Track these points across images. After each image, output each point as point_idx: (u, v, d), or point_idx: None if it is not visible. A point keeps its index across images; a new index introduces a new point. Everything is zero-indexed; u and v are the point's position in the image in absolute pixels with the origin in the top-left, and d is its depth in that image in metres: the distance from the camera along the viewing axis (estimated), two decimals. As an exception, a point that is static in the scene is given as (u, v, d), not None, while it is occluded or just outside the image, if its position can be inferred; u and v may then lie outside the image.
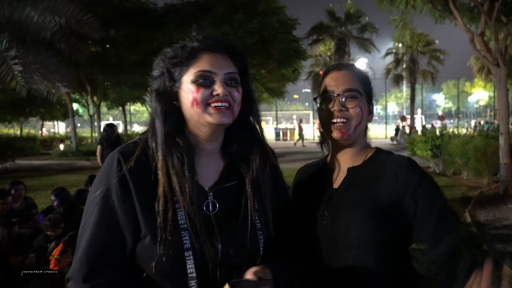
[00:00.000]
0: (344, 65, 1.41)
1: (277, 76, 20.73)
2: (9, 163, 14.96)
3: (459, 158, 10.01)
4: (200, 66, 1.10)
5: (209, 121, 1.09)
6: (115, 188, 1.06)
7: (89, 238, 1.05)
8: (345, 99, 1.33)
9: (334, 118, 1.33)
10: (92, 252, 1.04)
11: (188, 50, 1.12)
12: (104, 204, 1.06)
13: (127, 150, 1.11)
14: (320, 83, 1.44)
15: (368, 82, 1.41)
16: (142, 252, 1.06)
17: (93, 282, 1.02)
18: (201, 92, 1.08)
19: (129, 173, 1.06)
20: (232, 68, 1.13)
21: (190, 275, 1.04)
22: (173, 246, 1.03)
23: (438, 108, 68.65)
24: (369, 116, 1.40)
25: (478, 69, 32.67)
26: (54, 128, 48.06)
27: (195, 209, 1.06)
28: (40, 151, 24.94)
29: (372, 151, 1.40)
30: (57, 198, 5.24)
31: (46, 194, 9.13)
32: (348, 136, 1.33)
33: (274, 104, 34.46)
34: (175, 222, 1.04)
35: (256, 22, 14.96)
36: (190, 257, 1.03)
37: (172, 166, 1.07)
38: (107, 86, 19.81)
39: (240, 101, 1.14)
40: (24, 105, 23.12)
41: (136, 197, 1.05)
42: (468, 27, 8.68)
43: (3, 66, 8.82)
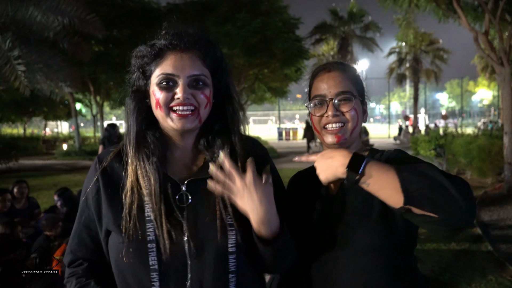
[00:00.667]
0: (333, 65, 1.34)
1: (280, 76, 20.70)
2: (12, 163, 15.01)
3: (463, 157, 9.96)
4: (164, 68, 1.10)
5: (172, 126, 1.10)
6: (91, 189, 1.17)
7: (73, 232, 1.23)
8: (338, 103, 1.27)
9: (328, 123, 1.28)
10: (74, 244, 1.21)
11: (155, 50, 1.12)
12: (83, 203, 1.20)
13: (104, 153, 1.22)
14: (310, 85, 1.37)
15: (360, 80, 1.35)
16: (110, 246, 1.15)
17: (75, 266, 1.20)
18: (163, 95, 1.08)
19: (101, 175, 1.16)
20: (197, 69, 1.10)
21: (152, 267, 1.06)
22: (136, 238, 1.07)
23: (442, 108, 68.46)
24: (364, 116, 1.35)
25: (482, 68, 32.54)
26: (57, 127, 48.21)
27: (160, 200, 1.08)
28: (43, 151, 25.02)
29: (366, 153, 1.34)
30: (60, 198, 5.25)
31: (49, 194, 9.16)
32: (345, 141, 1.28)
33: (277, 103, 34.45)
34: (140, 214, 1.08)
35: (259, 22, 14.93)
36: (153, 249, 1.06)
37: (142, 159, 1.11)
38: (110, 85, 19.84)
39: (207, 103, 1.12)
40: (27, 105, 23.18)
41: (104, 194, 1.14)
42: (472, 26, 8.63)
43: (7, 66, 8.83)
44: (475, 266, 4.34)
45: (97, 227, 1.17)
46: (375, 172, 1.05)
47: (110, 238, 1.15)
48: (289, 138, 31.23)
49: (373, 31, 27.85)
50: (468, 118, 56.49)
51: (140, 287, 1.08)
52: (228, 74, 1.20)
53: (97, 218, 1.16)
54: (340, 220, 1.24)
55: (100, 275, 1.18)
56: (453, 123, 32.81)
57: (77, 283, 1.16)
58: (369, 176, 1.05)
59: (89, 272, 1.18)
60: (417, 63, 31.59)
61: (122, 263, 1.09)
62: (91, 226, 1.18)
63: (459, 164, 10.48)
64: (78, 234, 1.21)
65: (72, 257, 1.21)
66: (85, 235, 1.19)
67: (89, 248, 1.19)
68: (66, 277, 1.20)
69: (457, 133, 12.10)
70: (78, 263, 1.20)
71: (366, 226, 1.19)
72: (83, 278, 1.17)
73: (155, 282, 1.06)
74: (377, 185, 1.05)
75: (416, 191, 0.99)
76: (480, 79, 51.34)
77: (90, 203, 1.17)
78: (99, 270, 1.19)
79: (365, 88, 1.37)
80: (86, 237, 1.19)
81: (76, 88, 14.54)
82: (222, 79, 1.18)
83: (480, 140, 9.73)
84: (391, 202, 1.04)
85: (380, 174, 1.05)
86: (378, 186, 1.05)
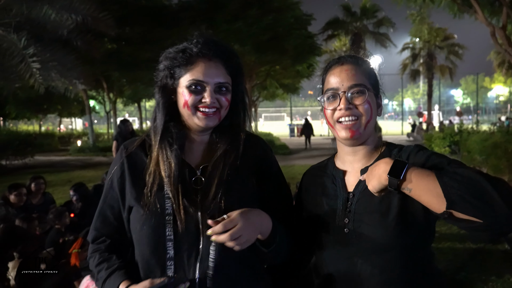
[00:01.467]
0: (346, 58, 1.32)
1: (291, 72, 20.65)
2: (28, 159, 15.28)
3: (478, 155, 9.79)
4: (194, 74, 1.26)
5: (196, 123, 1.28)
6: (116, 171, 1.34)
7: (97, 211, 1.37)
8: (351, 96, 1.25)
9: (341, 117, 1.26)
10: (98, 222, 1.36)
11: (187, 56, 1.27)
12: (108, 185, 1.35)
13: (130, 142, 1.39)
14: (322, 80, 1.36)
15: (374, 74, 1.32)
16: (132, 220, 1.29)
17: (98, 243, 1.35)
18: (192, 98, 1.26)
19: (126, 159, 1.33)
20: (222, 77, 1.28)
21: (168, 237, 1.21)
22: (156, 211, 1.23)
23: (456, 104, 67.41)
24: (378, 110, 1.32)
25: (499, 63, 31.93)
26: (72, 124, 48.92)
27: (178, 181, 1.24)
28: (58, 147, 25.40)
29: (383, 148, 1.32)
30: (76, 193, 5.30)
31: (64, 190, 9.29)
32: (359, 135, 1.26)
33: (289, 100, 34.34)
34: (160, 192, 1.25)
35: (270, 18, 14.89)
36: (170, 221, 1.22)
37: (164, 147, 1.28)
38: (123, 83, 20.03)
39: (227, 106, 1.30)
40: (42, 102, 23.55)
41: (128, 175, 1.31)
42: (489, 21, 8.45)
43: (22, 64, 8.97)
44: (492, 265, 4.26)
45: (120, 206, 1.32)
46: (416, 177, 1.06)
47: (131, 213, 1.30)
48: (301, 135, 31.11)
49: (386, 27, 27.46)
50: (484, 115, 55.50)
51: (156, 254, 1.23)
52: (244, 82, 1.37)
53: (120, 197, 1.32)
54: (357, 218, 1.23)
55: (121, 251, 1.33)
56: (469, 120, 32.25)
57: (101, 257, 1.31)
58: (410, 181, 1.06)
59: (112, 248, 1.33)
60: (431, 59, 31.10)
61: (142, 233, 1.25)
62: (115, 206, 1.33)
63: (475, 161, 10.30)
64: (103, 213, 1.35)
65: (96, 234, 1.36)
66: (109, 213, 1.34)
67: (112, 225, 1.34)
68: (90, 253, 1.35)
69: (473, 130, 11.89)
70: (101, 240, 1.35)
71: (384, 224, 1.18)
72: (106, 253, 1.32)
73: (170, 250, 1.21)
74: (418, 191, 1.05)
75: (458, 196, 0.98)
76: (496, 75, 50.41)
77: (115, 184, 1.33)
78: (121, 247, 1.34)
79: (379, 82, 1.35)
80: (110, 216, 1.34)
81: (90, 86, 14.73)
82: (239, 85, 1.35)
83: (496, 137, 9.54)
84: (434, 207, 1.04)
85: (421, 179, 1.05)
86: (420, 191, 1.05)
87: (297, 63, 18.51)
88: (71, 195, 5.40)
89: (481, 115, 52.53)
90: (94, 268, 1.31)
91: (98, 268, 1.30)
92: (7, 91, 10.10)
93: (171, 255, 1.21)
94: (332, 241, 1.26)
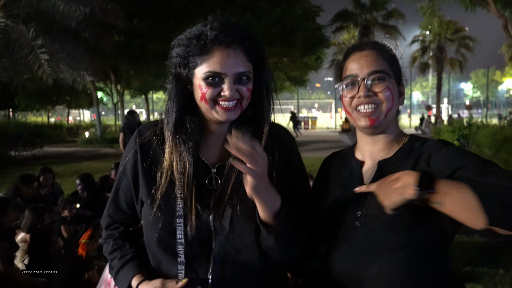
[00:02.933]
0: (367, 44, 1.25)
1: (299, 65, 20.55)
2: (37, 150, 15.43)
3: (488, 149, 9.71)
4: (211, 65, 1.12)
5: (216, 117, 1.16)
6: (129, 159, 1.26)
7: (111, 197, 1.32)
8: (371, 83, 1.18)
9: (360, 105, 1.19)
10: (112, 209, 1.32)
11: (201, 44, 1.13)
12: (121, 172, 1.29)
13: (145, 128, 1.28)
14: (341, 68, 1.29)
15: (396, 60, 1.25)
16: (143, 217, 1.25)
17: (112, 229, 1.33)
18: (210, 91, 1.13)
19: (140, 148, 1.24)
20: (243, 66, 1.14)
21: (178, 241, 1.15)
22: (165, 212, 1.16)
23: (466, 98, 66.67)
24: (400, 98, 1.25)
25: (510, 57, 31.48)
26: (80, 116, 49.23)
27: (192, 182, 1.16)
28: (67, 138, 25.61)
29: (406, 139, 1.24)
30: (82, 183, 5.35)
31: (72, 180, 9.37)
32: (379, 123, 1.19)
33: (296, 92, 34.20)
34: (171, 192, 1.17)
35: (279, 11, 14.79)
36: (181, 224, 1.14)
37: (179, 144, 1.18)
38: (131, 75, 20.06)
39: (249, 96, 1.17)
40: (51, 94, 23.68)
41: (141, 167, 1.22)
42: (502, 13, 8.31)
43: (31, 55, 9.04)
44: (500, 260, 4.23)
45: (133, 196, 1.26)
46: (448, 190, 0.95)
47: (143, 208, 1.24)
48: (308, 127, 31.04)
49: (396, 19, 27.12)
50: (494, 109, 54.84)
51: (166, 258, 1.18)
52: (268, 66, 1.25)
53: (133, 188, 1.25)
54: (370, 212, 1.16)
55: (134, 238, 1.32)
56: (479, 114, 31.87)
57: (114, 244, 1.30)
58: (442, 195, 0.95)
59: (125, 235, 1.32)
60: (441, 52, 30.70)
61: (152, 235, 1.19)
62: (128, 194, 1.28)
63: (484, 155, 10.17)
64: (116, 200, 1.31)
65: (109, 220, 1.34)
66: (122, 201, 1.30)
67: (125, 213, 1.31)
68: (104, 238, 1.33)
69: (482, 123, 11.75)
70: (115, 226, 1.33)
71: (398, 223, 1.10)
72: (119, 240, 1.30)
73: (181, 254, 1.15)
74: (451, 205, 0.95)
75: (500, 212, 0.88)
76: (508, 69, 49.71)
77: (128, 172, 1.26)
78: (134, 233, 1.32)
79: (402, 69, 1.27)
80: (123, 203, 1.30)
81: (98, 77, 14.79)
82: (262, 72, 1.21)
83: (507, 131, 9.43)
84: (471, 223, 0.93)
85: (454, 192, 0.94)
86: (453, 206, 0.94)
87: (306, 55, 18.39)
88: (77, 184, 5.45)
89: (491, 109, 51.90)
90: (108, 255, 1.30)
91: (112, 256, 1.29)
92: (16, 82, 10.17)
93: (182, 259, 1.15)
94: (342, 234, 1.20)
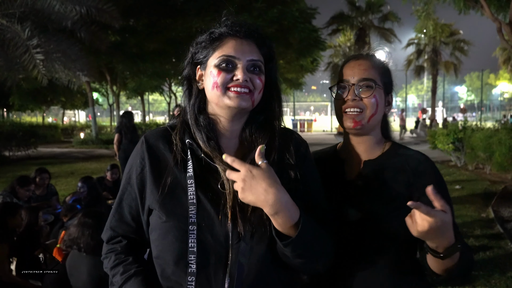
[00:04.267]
0: (363, 55, 1.39)
1: (295, 67, 20.54)
2: (31, 150, 15.32)
3: (482, 152, 9.74)
4: (224, 50, 1.12)
5: (227, 104, 1.11)
6: (135, 167, 1.18)
7: (113, 209, 1.22)
8: (360, 89, 1.31)
9: (347, 108, 1.32)
10: (114, 220, 1.22)
11: (215, 35, 1.14)
12: (126, 180, 1.20)
13: (152, 134, 1.22)
14: (339, 74, 1.42)
15: (388, 73, 1.38)
16: (152, 225, 1.15)
17: (114, 243, 1.21)
18: (222, 76, 1.10)
19: (148, 154, 1.17)
20: (256, 55, 1.14)
21: (190, 249, 1.06)
22: (178, 218, 1.08)
23: (460, 101, 67.05)
24: (386, 107, 1.37)
25: (504, 60, 31.70)
26: (75, 116, 48.96)
27: (205, 186, 1.10)
28: (61, 139, 25.46)
29: (388, 145, 1.38)
30: (84, 185, 5.26)
31: (67, 181, 9.32)
32: (361, 126, 1.31)
33: (292, 95, 34.24)
34: (184, 196, 1.09)
35: (275, 11, 14.78)
36: (194, 231, 1.06)
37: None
38: (127, 75, 19.99)
39: (261, 88, 1.15)
40: (46, 94, 23.54)
41: (150, 173, 1.15)
42: (496, 16, 8.36)
43: (26, 55, 8.96)
44: (495, 262, 4.25)
45: (139, 207, 1.18)
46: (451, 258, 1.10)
47: (151, 217, 1.16)
48: (303, 129, 31.07)
49: (391, 22, 27.24)
50: (488, 112, 55.18)
51: (177, 269, 1.08)
52: (277, 66, 1.24)
53: (139, 197, 1.17)
54: (354, 207, 1.27)
55: (138, 253, 1.21)
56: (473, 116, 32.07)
57: (116, 259, 1.18)
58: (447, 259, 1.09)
59: (128, 249, 1.20)
60: (436, 55, 30.87)
61: (162, 243, 1.11)
62: (132, 204, 1.19)
63: (478, 158, 10.25)
64: (119, 211, 1.21)
65: (111, 234, 1.22)
66: (126, 212, 1.20)
67: (129, 225, 1.20)
68: (104, 253, 1.22)
69: (477, 127, 11.80)
70: (117, 240, 1.21)
71: (384, 215, 1.23)
72: (122, 254, 1.18)
73: (192, 264, 1.06)
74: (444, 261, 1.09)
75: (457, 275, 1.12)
76: (502, 72, 50.00)
77: (134, 181, 1.18)
78: (138, 248, 1.22)
79: (393, 82, 1.40)
80: (127, 215, 1.20)
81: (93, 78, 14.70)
82: (272, 72, 1.21)
83: (501, 134, 9.47)
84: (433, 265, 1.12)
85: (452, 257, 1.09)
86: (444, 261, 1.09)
87: (302, 57, 18.40)
88: (79, 186, 5.36)
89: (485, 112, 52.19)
90: (109, 271, 1.19)
91: (113, 271, 1.17)
92: (11, 82, 10.09)
93: (193, 269, 1.06)
94: None
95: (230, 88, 1.11)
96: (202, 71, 1.18)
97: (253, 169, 1.00)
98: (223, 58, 1.11)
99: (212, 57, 1.13)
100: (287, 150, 1.19)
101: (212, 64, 1.13)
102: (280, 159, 1.17)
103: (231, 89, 1.11)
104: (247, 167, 1.01)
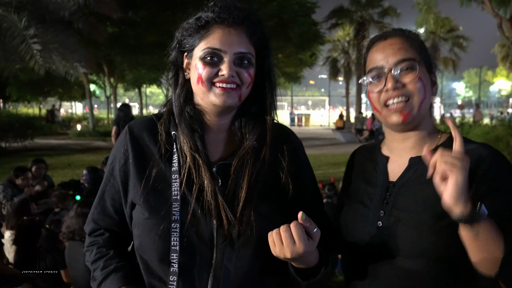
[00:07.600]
0: (391, 31, 1.13)
1: (294, 61, 20.48)
2: (28, 142, 15.25)
3: (480, 148, 9.77)
4: (210, 42, 1.04)
5: (212, 102, 1.05)
6: (118, 158, 1.13)
7: (96, 201, 1.18)
8: (399, 73, 1.06)
9: (389, 99, 1.07)
10: (96, 213, 1.17)
11: (201, 23, 1.06)
12: (109, 171, 1.15)
13: (136, 123, 1.16)
14: (364, 61, 1.17)
15: (425, 47, 1.14)
16: (134, 220, 1.11)
17: (96, 236, 1.17)
18: (207, 70, 1.03)
19: (131, 145, 1.11)
20: (245, 46, 1.05)
21: (173, 248, 1.01)
22: (161, 214, 1.03)
23: (458, 97, 67.16)
24: (433, 88, 1.12)
25: (503, 57, 31.63)
26: (72, 108, 48.73)
27: (190, 181, 1.05)
28: (58, 131, 25.36)
29: (444, 137, 1.12)
30: (89, 175, 5.25)
31: (64, 173, 9.30)
32: (412, 118, 1.06)
33: (290, 89, 34.17)
34: (167, 192, 1.04)
35: (275, 4, 14.70)
36: (177, 229, 1.01)
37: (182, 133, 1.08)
38: (124, 67, 19.86)
39: (250, 83, 1.07)
40: (43, 85, 23.37)
41: (133, 166, 1.10)
42: (496, 12, 8.34)
43: (23, 45, 8.87)
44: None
45: (122, 199, 1.13)
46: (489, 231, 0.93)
47: (134, 211, 1.11)
48: (301, 124, 31.06)
49: (391, 17, 27.17)
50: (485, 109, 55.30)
51: (160, 267, 1.05)
52: (272, 57, 1.16)
53: (122, 190, 1.12)
54: (394, 213, 1.07)
55: (121, 246, 1.17)
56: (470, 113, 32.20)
57: (97, 253, 1.13)
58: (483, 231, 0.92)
59: (110, 243, 1.16)
60: (435, 51, 30.84)
61: (144, 240, 1.06)
62: (115, 197, 1.14)
63: (476, 154, 10.27)
64: (102, 204, 1.16)
65: (93, 226, 1.18)
66: (108, 205, 1.15)
67: (111, 218, 1.16)
68: (86, 246, 1.18)
69: (474, 123, 11.84)
70: (99, 233, 1.17)
71: (427, 225, 1.01)
72: (104, 248, 1.14)
73: (174, 263, 1.01)
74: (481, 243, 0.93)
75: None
76: (499, 69, 50.05)
77: (117, 173, 1.12)
78: (120, 241, 1.17)
79: (431, 56, 1.16)
80: (109, 207, 1.15)
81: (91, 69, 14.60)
82: (266, 61, 1.13)
83: (498, 131, 9.50)
84: (482, 266, 0.95)
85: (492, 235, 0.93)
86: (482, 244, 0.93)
87: (301, 51, 18.35)
88: (84, 174, 5.33)
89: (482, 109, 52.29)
90: (90, 265, 1.14)
91: (94, 266, 1.13)
92: (8, 72, 10.01)
93: (175, 269, 1.01)
94: (362, 233, 1.11)
95: (215, 83, 1.04)
96: (188, 59, 1.10)
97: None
98: (208, 50, 1.03)
99: (198, 47, 1.06)
100: (279, 147, 1.13)
101: (197, 56, 1.06)
102: (273, 156, 1.10)
103: (216, 85, 1.04)
104: None
